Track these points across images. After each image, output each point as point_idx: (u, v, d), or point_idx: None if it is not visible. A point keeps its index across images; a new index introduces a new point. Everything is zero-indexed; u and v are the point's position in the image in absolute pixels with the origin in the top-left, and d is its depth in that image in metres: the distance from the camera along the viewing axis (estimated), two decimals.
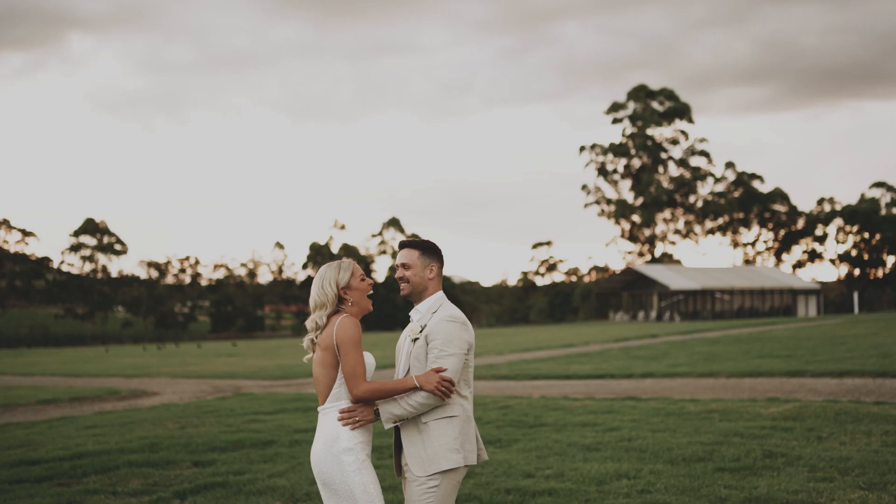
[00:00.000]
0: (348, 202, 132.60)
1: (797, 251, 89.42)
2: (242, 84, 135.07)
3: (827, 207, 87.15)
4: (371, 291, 4.71)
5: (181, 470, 9.56)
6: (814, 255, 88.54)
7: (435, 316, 4.63)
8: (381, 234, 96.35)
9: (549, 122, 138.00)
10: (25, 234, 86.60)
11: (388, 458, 9.50)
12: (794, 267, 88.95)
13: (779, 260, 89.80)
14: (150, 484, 8.85)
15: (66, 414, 16.11)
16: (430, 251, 4.77)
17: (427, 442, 4.50)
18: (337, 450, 4.44)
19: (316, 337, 4.58)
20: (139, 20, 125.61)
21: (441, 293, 4.77)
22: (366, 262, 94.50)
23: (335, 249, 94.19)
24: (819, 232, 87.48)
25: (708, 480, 8.00)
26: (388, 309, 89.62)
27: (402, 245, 4.81)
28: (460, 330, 4.57)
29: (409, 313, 4.79)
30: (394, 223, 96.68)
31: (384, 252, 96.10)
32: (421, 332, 4.61)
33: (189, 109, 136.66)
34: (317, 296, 4.60)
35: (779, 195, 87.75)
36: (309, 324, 4.60)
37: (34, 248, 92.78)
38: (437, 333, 4.55)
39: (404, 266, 4.75)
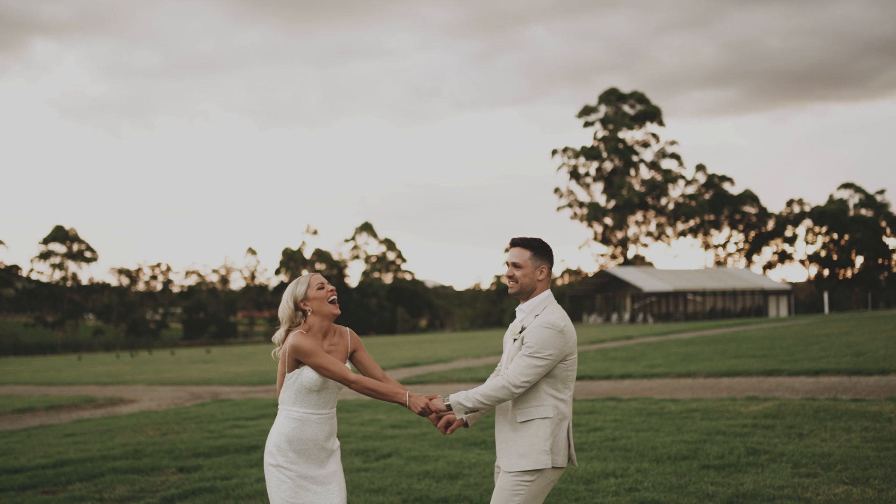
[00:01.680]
0: (320, 207, 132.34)
1: (767, 252, 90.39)
2: (209, 89, 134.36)
3: (796, 209, 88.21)
4: (332, 297, 4.93)
5: (167, 476, 9.52)
6: (784, 256, 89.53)
7: (536, 319, 4.64)
8: (353, 239, 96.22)
9: (519, 126, 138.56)
10: None
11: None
12: (765, 268, 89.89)
13: (749, 261, 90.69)
14: (136, 490, 8.80)
15: (44, 422, 15.96)
16: (543, 252, 4.74)
17: (518, 441, 4.59)
18: (266, 450, 4.87)
19: (279, 350, 4.96)
20: (103, 25, 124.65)
21: (548, 293, 4.75)
22: (339, 267, 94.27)
23: (308, 255, 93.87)
24: (789, 233, 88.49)
25: (694, 478, 8.09)
26: (361, 313, 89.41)
27: (514, 243, 4.77)
28: (555, 337, 4.56)
29: (516, 310, 4.83)
30: (366, 228, 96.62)
31: (357, 257, 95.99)
32: (521, 332, 4.65)
33: (156, 115, 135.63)
34: (280, 312, 4.99)
35: (749, 197, 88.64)
36: (274, 337, 5.01)
37: (2, 256, 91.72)
38: (531, 337, 4.58)
39: (515, 265, 4.72)
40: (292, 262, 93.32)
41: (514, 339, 4.68)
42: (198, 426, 13.61)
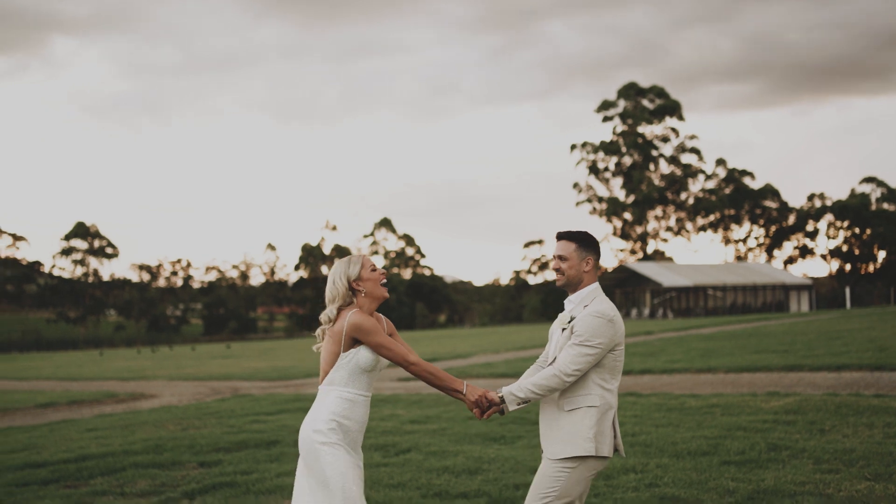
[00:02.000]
0: (339, 203, 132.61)
1: (788, 247, 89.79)
2: (227, 86, 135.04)
3: (817, 203, 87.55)
4: (384, 280, 4.91)
5: (187, 470, 9.57)
6: (805, 251, 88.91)
7: (586, 309, 4.69)
8: (372, 234, 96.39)
9: (537, 121, 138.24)
10: (16, 238, 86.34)
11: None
12: (786, 263, 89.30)
13: (770, 256, 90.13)
14: (157, 485, 8.85)
15: (66, 417, 16.09)
16: (588, 243, 4.80)
17: (563, 428, 4.62)
18: (312, 428, 4.66)
19: (328, 329, 4.81)
20: (121, 22, 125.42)
21: (596, 285, 4.80)
22: None
23: (327, 250, 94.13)
24: (810, 227, 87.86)
25: (715, 474, 8.05)
26: (380, 309, 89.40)
27: (560, 236, 4.83)
28: (605, 327, 4.61)
29: (564, 301, 4.85)
30: (385, 223, 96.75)
31: (376, 252, 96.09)
32: (570, 322, 4.68)
33: (174, 112, 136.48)
34: (329, 291, 4.85)
35: (769, 191, 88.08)
36: (322, 317, 4.83)
37: (25, 253, 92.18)
38: (581, 326, 4.62)
39: (561, 258, 4.80)
40: (311, 257, 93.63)
41: (563, 329, 4.71)
42: (218, 421, 13.68)
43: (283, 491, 8.21)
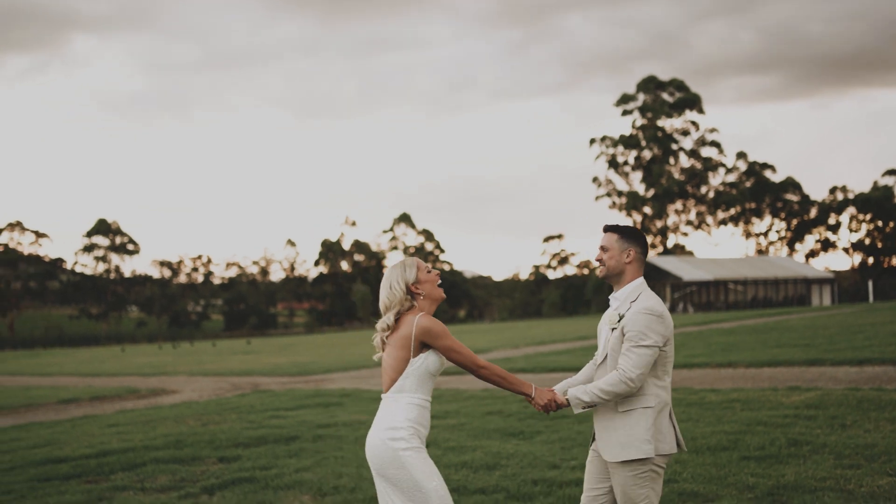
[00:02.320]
0: (358, 199, 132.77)
1: (810, 240, 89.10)
2: (245, 82, 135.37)
3: (839, 196, 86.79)
4: (439, 281, 4.84)
5: (207, 466, 9.62)
6: (827, 245, 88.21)
7: (634, 305, 4.68)
8: (391, 229, 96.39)
9: (556, 115, 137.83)
10: (39, 235, 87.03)
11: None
12: (808, 256, 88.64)
13: (792, 249, 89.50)
14: (177, 480, 8.91)
15: (88, 413, 16.22)
16: (630, 235, 4.83)
17: (619, 430, 4.62)
18: (394, 438, 4.54)
19: (387, 337, 4.70)
20: (141, 20, 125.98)
21: (641, 280, 4.79)
22: (378, 258, 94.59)
23: (346, 246, 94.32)
24: (832, 221, 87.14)
25: (734, 469, 8.00)
26: None
27: (605, 229, 4.88)
28: (656, 323, 4.60)
29: (609, 297, 4.86)
30: (404, 219, 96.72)
31: (395, 248, 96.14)
32: (619, 321, 4.67)
33: (193, 108, 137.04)
34: (386, 297, 4.73)
35: (791, 184, 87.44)
36: (380, 325, 4.74)
37: (48, 250, 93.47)
38: (632, 325, 4.61)
39: (602, 249, 4.83)
40: (331, 253, 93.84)
41: (613, 329, 4.69)
42: (238, 416, 13.75)
43: (302, 486, 8.24)
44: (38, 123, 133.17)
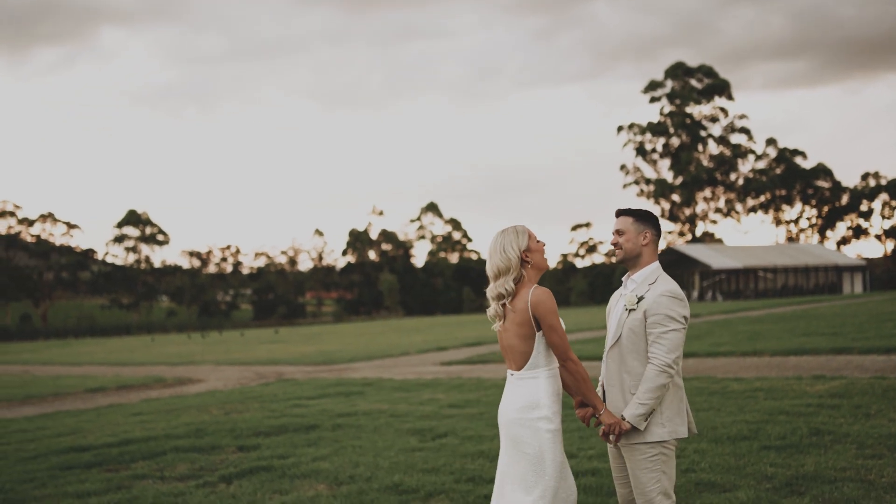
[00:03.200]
0: (385, 188, 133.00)
1: (842, 227, 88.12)
2: (273, 73, 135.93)
3: (872, 182, 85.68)
4: (546, 253, 4.72)
5: (226, 454, 9.67)
6: (859, 231, 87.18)
7: (653, 288, 4.65)
8: (419, 219, 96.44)
9: (583, 103, 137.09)
10: (70, 226, 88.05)
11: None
12: (839, 244, 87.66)
13: (823, 237, 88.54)
14: (196, 468, 8.96)
15: (114, 402, 16.38)
16: (645, 218, 4.81)
17: None
18: (535, 416, 4.48)
19: (508, 303, 4.53)
20: (168, 12, 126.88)
21: (657, 264, 4.78)
22: (405, 248, 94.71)
23: (374, 235, 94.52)
24: (864, 207, 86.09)
25: (753, 459, 7.91)
26: (428, 293, 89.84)
27: (618, 213, 4.85)
28: (679, 305, 4.59)
29: (623, 278, 4.83)
30: (431, 208, 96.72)
31: (423, 237, 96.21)
32: (638, 303, 4.63)
33: (221, 100, 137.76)
34: (500, 261, 4.56)
35: (822, 171, 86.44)
36: (496, 291, 4.55)
37: (79, 241, 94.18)
38: (657, 309, 4.58)
39: (618, 233, 4.80)
40: (359, 242, 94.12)
41: (630, 310, 4.63)
42: (260, 405, 13.81)
43: (318, 475, 8.26)
44: (67, 116, 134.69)
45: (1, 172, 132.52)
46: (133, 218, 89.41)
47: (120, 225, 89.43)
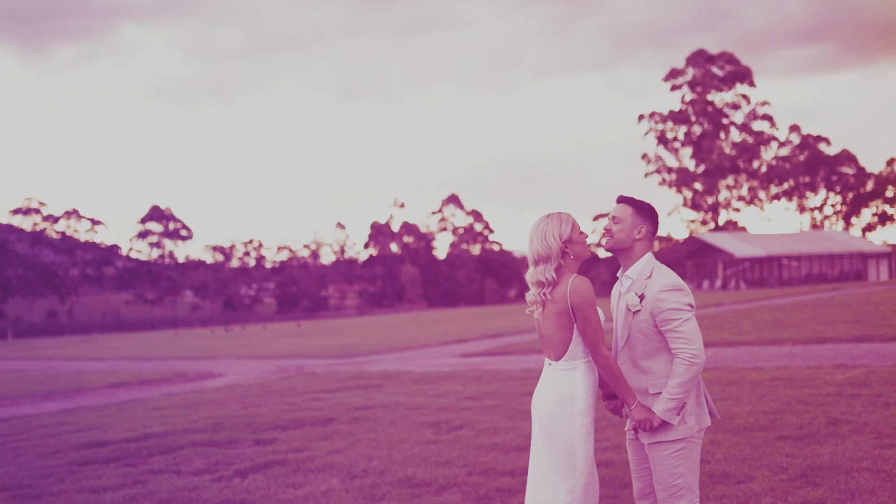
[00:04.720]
0: (406, 180, 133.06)
1: (867, 214, 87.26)
2: (291, 66, 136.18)
3: None
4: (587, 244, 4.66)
5: (243, 449, 9.72)
6: (884, 218, 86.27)
7: (651, 284, 4.53)
8: (440, 211, 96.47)
9: (603, 92, 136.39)
10: (94, 222, 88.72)
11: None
12: (864, 230, 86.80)
13: (848, 223, 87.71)
14: (212, 463, 9.00)
15: (135, 397, 16.50)
16: (645, 212, 4.67)
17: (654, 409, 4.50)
18: (572, 409, 4.45)
19: (549, 292, 4.47)
20: (186, 7, 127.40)
21: (650, 255, 4.65)
22: (427, 239, 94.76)
23: (396, 228, 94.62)
24: (889, 193, 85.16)
25: (769, 449, 7.85)
26: (450, 285, 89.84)
27: (619, 200, 4.73)
28: (682, 295, 4.47)
29: (618, 274, 4.72)
30: (453, 200, 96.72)
31: (444, 229, 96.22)
32: (640, 303, 4.53)
33: (240, 94, 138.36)
34: (540, 248, 4.49)
35: (846, 157, 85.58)
36: (538, 277, 4.47)
37: (103, 237, 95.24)
38: (662, 305, 4.46)
39: (615, 219, 4.67)
40: (380, 235, 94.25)
41: (635, 311, 4.51)
42: (279, 399, 13.87)
43: (332, 469, 8.28)
44: (88, 113, 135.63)
45: (26, 170, 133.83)
46: (156, 213, 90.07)
47: (143, 220, 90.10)
